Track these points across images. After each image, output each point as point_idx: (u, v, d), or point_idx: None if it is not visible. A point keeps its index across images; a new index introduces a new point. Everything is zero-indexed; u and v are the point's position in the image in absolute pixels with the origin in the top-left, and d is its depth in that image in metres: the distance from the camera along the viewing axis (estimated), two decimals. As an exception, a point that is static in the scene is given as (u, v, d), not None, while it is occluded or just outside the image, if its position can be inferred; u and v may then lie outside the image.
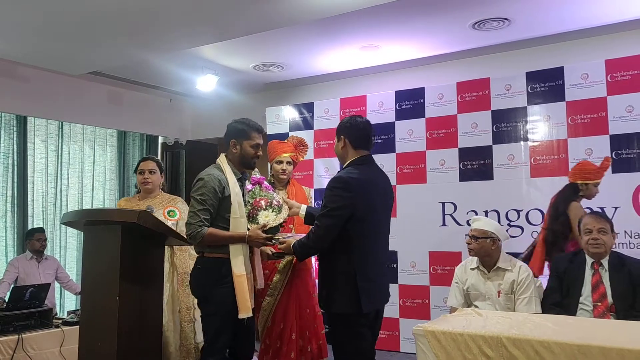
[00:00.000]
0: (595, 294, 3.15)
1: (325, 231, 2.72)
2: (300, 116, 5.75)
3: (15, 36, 4.29)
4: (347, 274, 2.70)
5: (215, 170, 2.97)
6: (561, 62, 4.55)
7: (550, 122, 4.53)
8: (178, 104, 6.80)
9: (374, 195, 2.81)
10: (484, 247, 3.42)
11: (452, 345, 2.23)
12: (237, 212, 2.92)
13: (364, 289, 2.69)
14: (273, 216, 3.05)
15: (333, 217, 2.70)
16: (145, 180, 3.68)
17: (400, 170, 5.15)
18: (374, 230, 2.82)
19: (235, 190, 2.94)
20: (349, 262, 2.71)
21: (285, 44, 4.87)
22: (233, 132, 3.04)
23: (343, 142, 2.88)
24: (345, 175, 2.77)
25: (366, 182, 2.78)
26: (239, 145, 3.01)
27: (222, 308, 2.84)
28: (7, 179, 5.40)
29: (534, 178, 4.54)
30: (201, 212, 2.83)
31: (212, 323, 2.87)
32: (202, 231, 2.81)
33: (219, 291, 2.85)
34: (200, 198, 2.85)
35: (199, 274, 2.93)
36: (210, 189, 2.86)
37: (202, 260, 2.94)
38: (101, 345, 2.78)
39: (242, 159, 3.03)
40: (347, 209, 2.68)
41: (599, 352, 1.96)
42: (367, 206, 2.75)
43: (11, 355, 3.38)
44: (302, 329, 3.59)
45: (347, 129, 2.89)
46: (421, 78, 5.34)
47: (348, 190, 2.70)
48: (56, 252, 5.73)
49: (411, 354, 4.80)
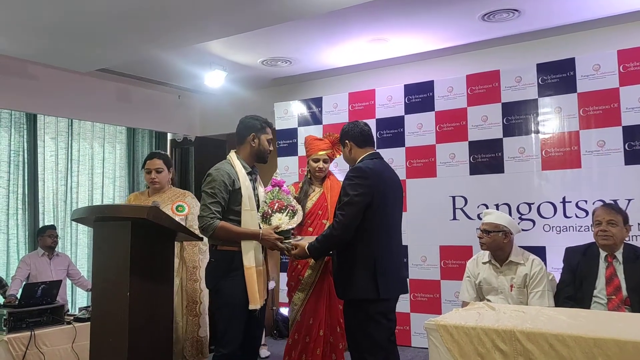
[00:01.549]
0: (610, 287, 3.11)
1: (351, 219, 2.76)
2: (309, 111, 5.73)
3: (24, 35, 4.30)
4: (366, 261, 2.77)
5: (225, 165, 3.04)
6: (572, 53, 4.49)
7: (561, 114, 4.48)
8: (186, 100, 6.80)
9: (388, 186, 2.90)
10: (496, 241, 3.39)
11: (464, 340, 2.21)
12: (247, 204, 2.98)
13: (383, 275, 2.76)
14: (286, 220, 3.11)
15: (355, 205, 2.76)
16: (153, 180, 3.68)
17: (409, 165, 5.12)
18: (389, 220, 2.89)
19: (245, 183, 3.00)
20: (368, 250, 2.78)
21: (293, 38, 4.85)
22: (252, 126, 3.12)
23: (349, 145, 3.02)
24: (362, 165, 2.88)
25: (381, 173, 2.90)
26: (257, 139, 3.11)
27: (233, 300, 2.90)
28: (17, 176, 5.42)
29: (545, 171, 4.50)
30: (212, 205, 2.89)
31: (224, 315, 2.93)
32: (213, 224, 2.87)
33: (229, 283, 2.91)
34: (210, 191, 2.92)
35: (213, 267, 3.00)
36: (220, 183, 2.93)
37: (214, 253, 3.01)
38: (112, 341, 2.79)
39: (259, 152, 3.13)
40: (366, 196, 2.77)
41: (614, 345, 1.93)
42: (383, 196, 2.84)
43: (24, 351, 3.40)
44: (332, 326, 3.54)
45: (347, 132, 3.04)
46: (430, 71, 5.29)
47: (366, 179, 2.80)
48: (67, 250, 5.75)
49: (422, 348, 4.78)
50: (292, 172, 5.71)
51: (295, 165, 5.75)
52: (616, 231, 3.17)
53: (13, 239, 5.38)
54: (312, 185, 3.73)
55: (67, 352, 3.63)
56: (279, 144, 5.79)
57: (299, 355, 3.50)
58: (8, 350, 3.34)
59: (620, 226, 3.19)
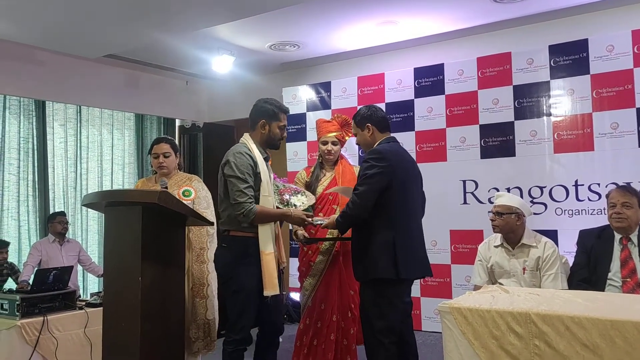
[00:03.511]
0: (625, 269, 3.08)
1: (364, 198, 2.78)
2: (318, 96, 5.69)
3: (31, 20, 4.28)
4: (386, 242, 2.77)
5: (243, 148, 3.00)
6: (585, 34, 4.42)
7: (574, 96, 4.42)
8: (194, 86, 6.78)
9: (406, 168, 2.92)
10: (508, 224, 3.36)
11: (479, 322, 2.19)
12: (265, 189, 2.96)
13: (402, 255, 2.76)
14: (304, 199, 3.18)
15: (370, 185, 2.78)
16: (161, 165, 3.63)
17: (419, 149, 5.09)
18: (409, 201, 2.89)
19: (263, 168, 3.00)
20: (388, 231, 2.79)
21: (300, 21, 4.80)
22: (263, 112, 3.07)
23: (370, 129, 3.01)
24: (380, 148, 2.90)
25: (400, 155, 2.93)
26: (267, 125, 3.06)
27: (247, 286, 2.88)
28: (27, 163, 5.44)
29: (558, 154, 4.45)
30: (247, 190, 2.87)
31: (237, 301, 2.90)
32: (253, 209, 2.85)
33: (245, 270, 2.88)
34: (242, 176, 2.87)
35: (224, 253, 2.96)
36: (248, 167, 2.91)
37: (227, 239, 2.97)
38: (125, 326, 2.79)
39: (269, 139, 3.09)
40: (384, 176, 2.78)
41: (632, 328, 1.90)
42: (402, 177, 2.86)
43: (37, 336, 3.42)
44: (344, 311, 3.52)
45: (369, 117, 3.03)
46: (440, 54, 5.23)
47: (384, 160, 2.81)
48: (77, 236, 5.78)
49: (432, 332, 4.79)
50: (300, 158, 5.69)
51: (304, 150, 5.72)
52: (631, 213, 3.13)
53: (24, 225, 5.40)
54: (323, 169, 3.70)
55: (80, 337, 3.64)
56: (288, 130, 5.74)
57: (310, 340, 3.50)
58: (21, 335, 3.36)
59: (635, 208, 3.15)
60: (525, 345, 2.09)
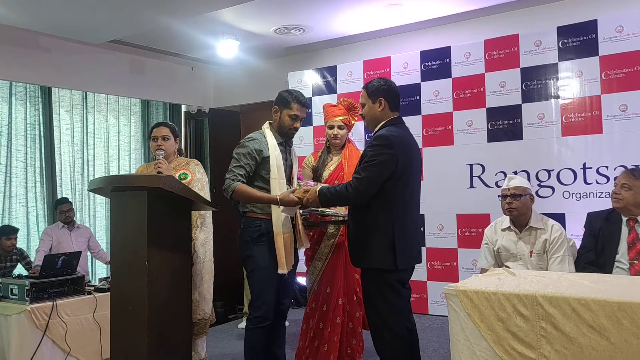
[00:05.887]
0: (632, 251, 3.07)
1: (367, 185, 2.69)
2: (323, 80, 5.66)
3: (36, 6, 4.26)
4: (385, 230, 2.70)
5: (257, 134, 3.14)
6: (594, 15, 4.36)
7: (582, 78, 4.37)
8: (200, 71, 6.75)
9: (412, 155, 2.81)
10: (525, 204, 3.38)
11: (485, 305, 2.19)
12: (275, 173, 3.05)
13: (401, 245, 2.70)
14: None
15: (375, 172, 2.69)
16: (159, 147, 3.56)
17: (426, 133, 5.06)
18: (410, 189, 2.82)
19: (275, 153, 3.08)
20: (387, 218, 2.71)
21: (305, 5, 4.75)
22: (278, 99, 3.19)
23: (381, 104, 2.84)
24: (387, 133, 2.77)
25: (406, 141, 2.81)
26: (279, 112, 3.16)
27: (262, 264, 3.01)
28: (34, 150, 5.45)
29: (566, 137, 4.42)
30: (236, 168, 3.01)
31: (256, 278, 3.05)
32: (233, 185, 2.96)
33: (259, 248, 3.02)
34: (237, 157, 3.05)
35: (243, 233, 3.09)
36: (247, 149, 3.03)
37: (244, 220, 3.11)
38: (132, 310, 2.81)
39: (280, 127, 3.17)
40: (389, 164, 2.68)
41: (640, 309, 1.89)
42: (407, 164, 2.76)
43: (47, 320, 3.46)
44: (349, 295, 3.54)
45: (385, 91, 2.85)
46: (447, 37, 5.17)
47: (391, 147, 2.70)
48: (85, 222, 5.80)
49: (439, 316, 4.80)
50: (307, 143, 5.67)
51: (310, 135, 5.71)
52: (627, 195, 3.11)
53: (32, 211, 5.44)
54: (330, 154, 3.69)
55: (89, 321, 3.69)
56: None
57: (316, 323, 3.52)
58: (31, 319, 3.40)
59: (635, 191, 3.11)
60: (531, 328, 2.08)
